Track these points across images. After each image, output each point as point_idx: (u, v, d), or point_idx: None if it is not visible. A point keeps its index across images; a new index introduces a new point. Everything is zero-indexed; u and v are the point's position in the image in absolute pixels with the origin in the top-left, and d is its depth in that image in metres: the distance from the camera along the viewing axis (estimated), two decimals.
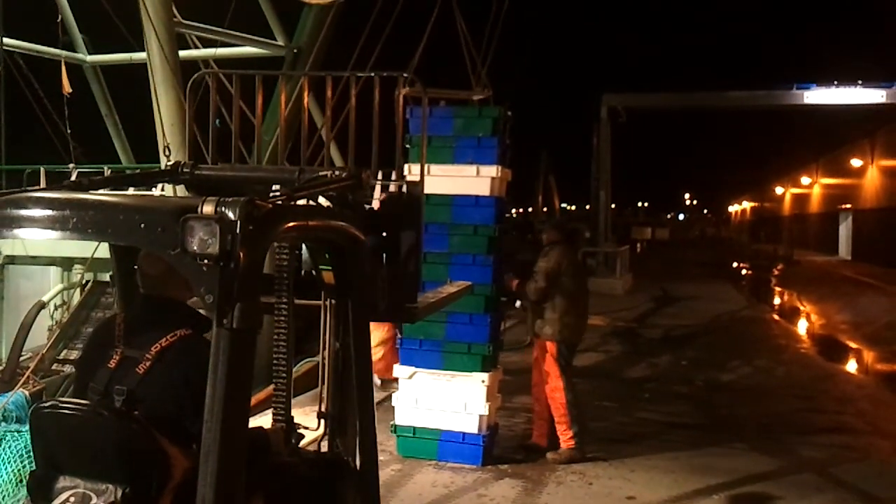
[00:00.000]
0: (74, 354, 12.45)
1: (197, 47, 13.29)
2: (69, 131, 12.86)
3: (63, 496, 2.43)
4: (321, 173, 3.15)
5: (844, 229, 38.45)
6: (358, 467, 3.01)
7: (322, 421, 3.21)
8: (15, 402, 10.96)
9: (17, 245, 12.32)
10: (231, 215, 2.06)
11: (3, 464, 9.37)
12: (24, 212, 2.31)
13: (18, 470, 9.33)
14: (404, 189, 3.30)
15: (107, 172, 13.43)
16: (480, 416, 6.31)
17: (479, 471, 6.27)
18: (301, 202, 2.74)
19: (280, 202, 2.41)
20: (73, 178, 13.84)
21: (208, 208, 2.08)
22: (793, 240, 47.28)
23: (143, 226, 2.15)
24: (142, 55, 13.55)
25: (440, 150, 6.44)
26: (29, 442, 9.74)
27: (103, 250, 12.00)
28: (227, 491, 2.08)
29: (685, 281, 24.62)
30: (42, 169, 12.86)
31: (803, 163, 47.33)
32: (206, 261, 2.03)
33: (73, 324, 12.58)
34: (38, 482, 2.52)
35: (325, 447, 3.21)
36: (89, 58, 14.49)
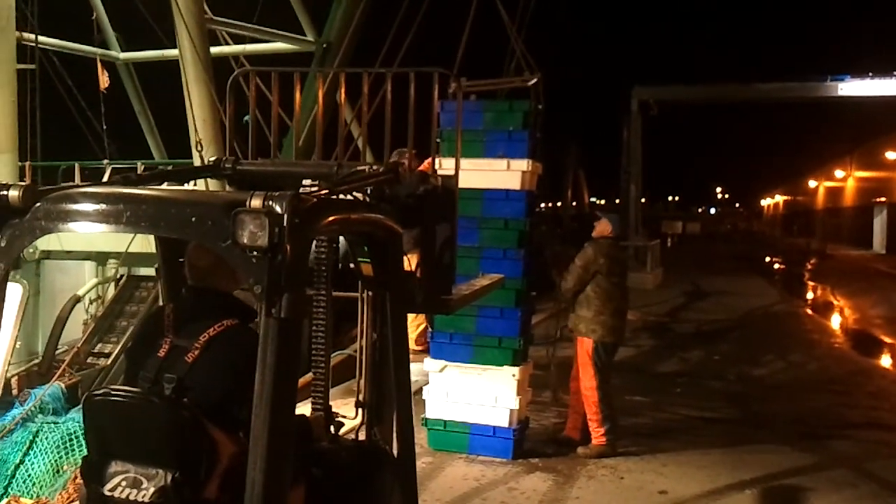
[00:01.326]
0: (109, 348, 12.63)
1: (227, 44, 13.42)
2: (104, 128, 13.03)
3: (115, 481, 2.50)
4: (359, 168, 3.23)
5: (879, 223, 37.89)
6: (396, 456, 3.08)
7: (359, 410, 3.31)
8: (51, 394, 11.17)
9: (53, 240, 12.48)
10: (278, 209, 2.15)
11: (41, 454, 9.56)
12: (79, 206, 2.40)
13: (55, 460, 9.52)
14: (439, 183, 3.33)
15: (140, 168, 13.62)
16: (511, 410, 6.31)
17: (510, 464, 6.27)
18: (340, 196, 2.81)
19: (324, 196, 2.48)
20: (108, 174, 14.03)
21: (256, 202, 2.17)
22: (826, 234, 46.68)
23: (194, 219, 2.25)
24: (174, 52, 13.72)
25: (470, 143, 6.41)
26: (66, 433, 9.79)
27: (137, 245, 12.17)
28: (275, 474, 2.14)
29: (717, 275, 24.39)
30: (76, 165, 13.04)
31: (837, 156, 46.68)
32: (255, 253, 2.12)
33: (108, 318, 12.75)
34: (91, 467, 2.59)
35: (362, 436, 3.27)
36: (122, 55, 14.66)
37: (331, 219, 2.48)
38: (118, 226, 2.36)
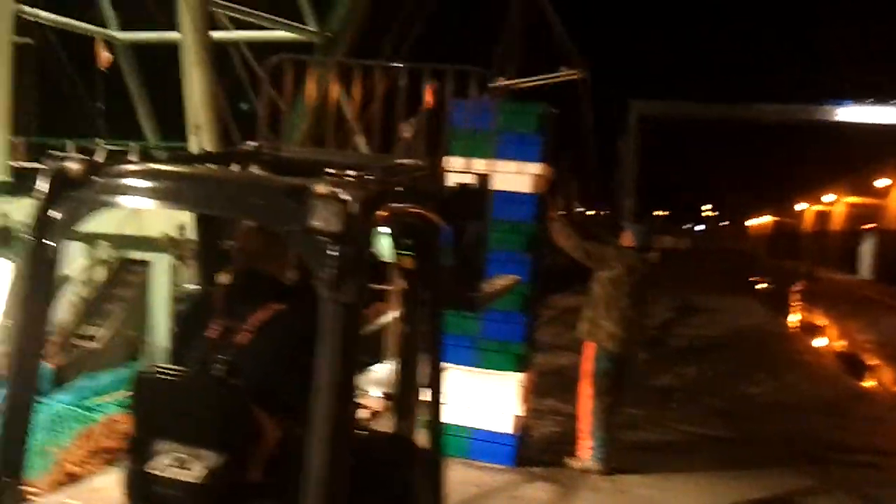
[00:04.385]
0: (97, 331, 12.40)
1: (227, 29, 13.21)
2: (102, 107, 12.82)
3: (160, 459, 2.46)
4: (399, 161, 3.18)
5: (867, 249, 38.02)
6: (426, 451, 3.18)
7: (385, 401, 3.43)
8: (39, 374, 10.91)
9: None
10: (348, 196, 2.14)
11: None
12: (140, 182, 2.40)
13: (40, 441, 9.27)
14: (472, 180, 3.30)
15: (133, 149, 13.37)
16: (515, 417, 6.16)
17: (510, 471, 6.12)
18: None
19: (384, 185, 2.45)
20: (99, 154, 13.71)
21: (321, 188, 2.16)
22: (812, 257, 46.87)
23: (258, 202, 2.28)
24: (174, 35, 13.51)
25: (482, 144, 6.29)
26: (53, 415, 9.44)
27: (130, 228, 11.92)
28: (337, 461, 2.14)
29: (706, 292, 24.34)
30: (68, 143, 12.81)
31: (827, 180, 46.91)
32: (324, 238, 2.12)
33: (97, 300, 12.50)
34: (136, 445, 2.55)
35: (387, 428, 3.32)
36: (121, 35, 14.39)
37: (390, 208, 2.48)
38: (178, 204, 2.48)
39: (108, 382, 11.23)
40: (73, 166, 2.38)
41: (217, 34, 11.89)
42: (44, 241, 2.40)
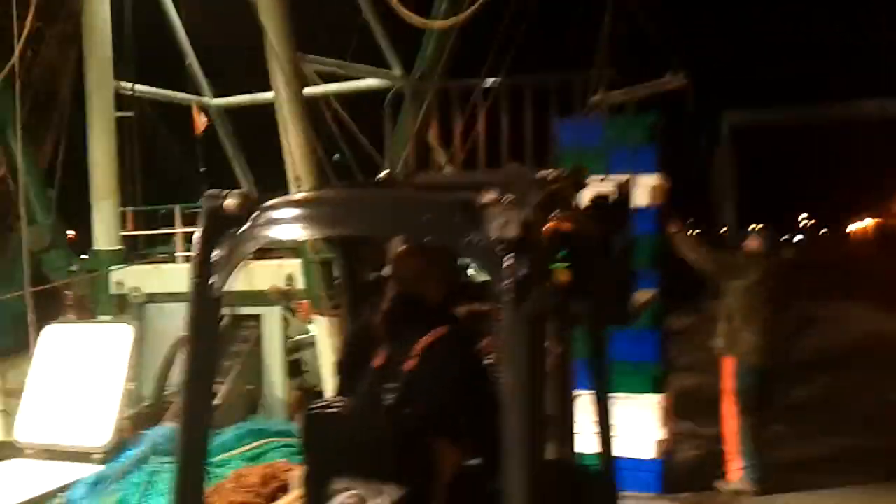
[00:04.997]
0: (215, 388, 12.62)
1: (315, 83, 13.48)
2: (203, 169, 13.19)
3: (338, 499, 2.37)
4: (540, 175, 3.06)
5: None
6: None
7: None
8: (164, 435, 11.12)
9: (155, 282, 12.59)
10: (524, 203, 2.06)
11: (158, 495, 9.46)
12: (306, 211, 2.37)
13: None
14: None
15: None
16: (657, 441, 5.88)
17: (660, 498, 5.83)
18: None
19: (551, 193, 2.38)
20: (249, 192, 14.08)
21: (489, 198, 2.09)
22: None
23: (435, 218, 2.19)
24: (265, 95, 13.86)
25: (592, 161, 6.12)
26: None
27: (239, 284, 12.13)
28: (532, 478, 2.00)
29: (817, 300, 23.28)
30: (177, 208, 13.19)
31: None
32: (501, 246, 2.03)
33: None
34: (311, 485, 2.50)
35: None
36: (215, 101, 14.84)
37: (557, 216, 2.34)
38: (348, 229, 2.41)
39: (232, 437, 11.37)
40: (232, 202, 2.32)
41: (308, 89, 12.09)
42: (206, 281, 2.32)
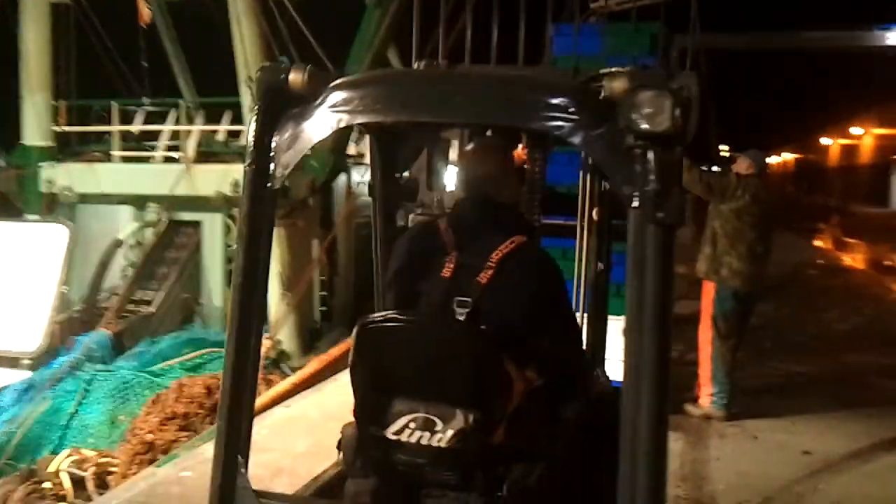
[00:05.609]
0: (150, 295, 12.16)
1: None
2: (145, 65, 12.43)
3: (400, 422, 2.10)
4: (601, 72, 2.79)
5: None
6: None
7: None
8: (98, 342, 10.71)
9: (90, 182, 11.94)
10: (681, 91, 1.73)
11: (95, 403, 9.10)
12: (394, 90, 2.03)
13: (110, 410, 9.06)
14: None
15: (177, 111, 13.02)
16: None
17: None
18: None
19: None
20: (140, 117, 13.44)
21: (619, 84, 1.79)
22: (840, 192, 46.14)
23: (547, 105, 1.86)
24: None
25: (587, 71, 5.86)
26: (119, 382, 9.21)
27: (178, 188, 11.67)
28: (666, 399, 1.78)
29: None
30: (114, 104, 12.45)
31: (853, 113, 45.90)
32: (641, 142, 1.73)
33: (148, 264, 12.26)
34: (367, 407, 2.19)
35: None
36: None
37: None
38: (442, 115, 2.03)
39: (169, 346, 11.04)
40: (298, 77, 1.97)
41: None
42: (264, 169, 2.01)
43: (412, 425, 2.11)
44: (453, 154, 3.60)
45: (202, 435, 6.96)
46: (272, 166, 2.01)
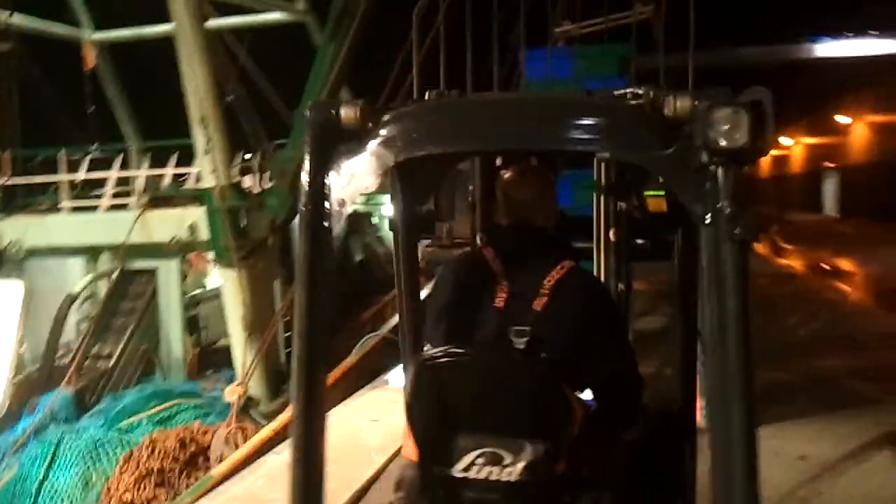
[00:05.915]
0: (108, 349, 11.81)
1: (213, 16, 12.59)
2: (90, 110, 12.16)
3: (467, 459, 2.04)
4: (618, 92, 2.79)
5: (830, 188, 38.57)
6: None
7: None
8: (61, 402, 10.33)
9: (40, 235, 11.60)
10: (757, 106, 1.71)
11: (65, 467, 8.75)
12: (450, 119, 1.97)
13: (82, 472, 8.73)
14: None
15: (129, 153, 12.76)
16: None
17: None
18: None
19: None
20: (85, 164, 13.08)
21: (682, 103, 1.77)
22: (774, 201, 47.49)
23: (618, 126, 1.86)
24: (151, 30, 12.86)
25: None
26: (89, 442, 8.90)
27: (131, 237, 11.37)
28: (754, 415, 1.77)
29: None
30: (62, 153, 12.12)
31: (784, 124, 47.41)
32: (716, 158, 1.71)
33: (104, 316, 11.92)
34: (430, 446, 2.14)
35: None
36: (95, 35, 13.66)
37: None
38: (506, 141, 1.97)
39: (134, 401, 10.71)
40: (349, 112, 1.91)
41: (210, 23, 11.29)
42: (320, 209, 1.94)
43: (480, 461, 2.06)
44: (470, 182, 3.59)
45: (191, 489, 6.70)
46: (328, 205, 1.95)
